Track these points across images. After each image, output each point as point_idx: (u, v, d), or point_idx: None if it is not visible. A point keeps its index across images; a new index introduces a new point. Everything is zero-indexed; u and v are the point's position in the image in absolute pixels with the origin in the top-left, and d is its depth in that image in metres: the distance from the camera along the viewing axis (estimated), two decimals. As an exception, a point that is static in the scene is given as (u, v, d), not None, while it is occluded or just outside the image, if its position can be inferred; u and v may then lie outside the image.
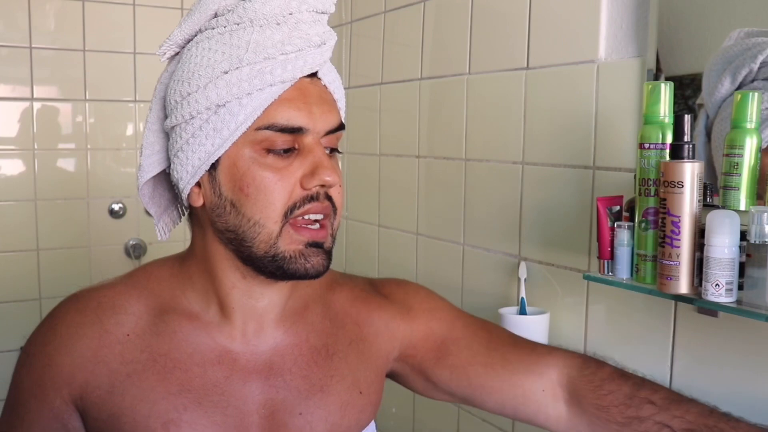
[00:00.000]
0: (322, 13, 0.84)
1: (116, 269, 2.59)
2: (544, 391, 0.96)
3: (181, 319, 0.87)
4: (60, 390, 0.84)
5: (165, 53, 0.86)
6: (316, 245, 0.81)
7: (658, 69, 1.13)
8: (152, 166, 0.88)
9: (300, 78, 0.81)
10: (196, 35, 0.84)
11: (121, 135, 2.34)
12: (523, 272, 1.37)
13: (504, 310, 1.34)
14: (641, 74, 1.16)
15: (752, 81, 1.02)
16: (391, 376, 1.05)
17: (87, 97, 2.28)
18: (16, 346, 2.21)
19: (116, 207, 2.33)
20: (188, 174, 0.83)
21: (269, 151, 0.80)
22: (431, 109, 1.69)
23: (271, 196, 0.79)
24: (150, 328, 0.86)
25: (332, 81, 0.86)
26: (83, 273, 2.28)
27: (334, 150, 0.86)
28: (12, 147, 2.20)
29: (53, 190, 2.25)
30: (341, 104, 0.89)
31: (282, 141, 0.80)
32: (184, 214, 0.95)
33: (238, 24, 0.81)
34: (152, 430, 0.82)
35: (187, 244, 0.92)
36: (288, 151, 0.81)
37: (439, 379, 1.00)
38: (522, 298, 1.35)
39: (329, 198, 0.82)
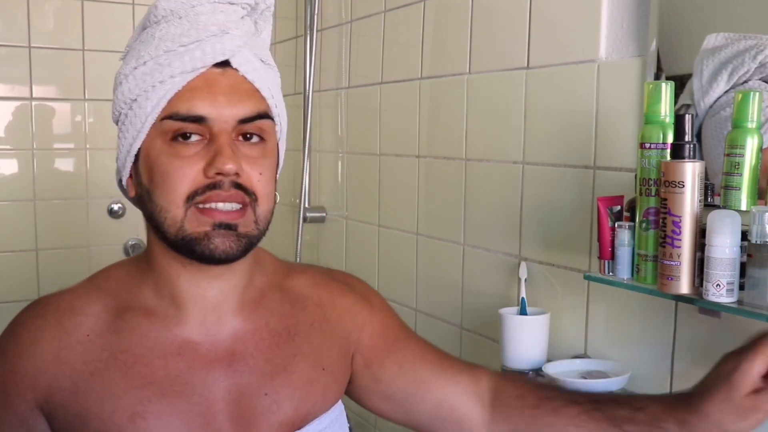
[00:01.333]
0: (229, 3, 0.85)
1: (116, 269, 2.55)
2: (476, 393, 0.99)
3: (138, 315, 0.88)
4: (24, 395, 0.85)
5: (123, 59, 0.90)
6: (226, 227, 0.81)
7: (659, 68, 1.13)
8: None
9: (208, 68, 0.82)
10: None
11: (120, 135, 2.34)
12: (523, 272, 1.37)
13: (504, 310, 1.34)
14: (642, 74, 1.15)
15: (745, 81, 1.03)
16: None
17: (86, 97, 2.28)
18: (15, 346, 2.21)
19: (115, 207, 2.33)
20: (121, 165, 0.88)
21: (176, 140, 0.82)
22: (431, 109, 1.69)
23: (173, 182, 0.81)
24: (109, 327, 0.87)
25: (252, 70, 0.85)
26: (82, 273, 2.26)
27: (260, 138, 0.85)
28: (11, 147, 2.20)
29: (52, 190, 2.25)
30: (267, 93, 0.87)
31: (186, 130, 0.81)
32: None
33: (156, 22, 0.86)
34: (119, 424, 0.83)
35: None
36: (196, 140, 0.82)
37: (386, 373, 1.00)
38: (522, 298, 1.35)
39: (240, 186, 0.82)
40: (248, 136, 0.84)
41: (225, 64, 0.84)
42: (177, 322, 0.88)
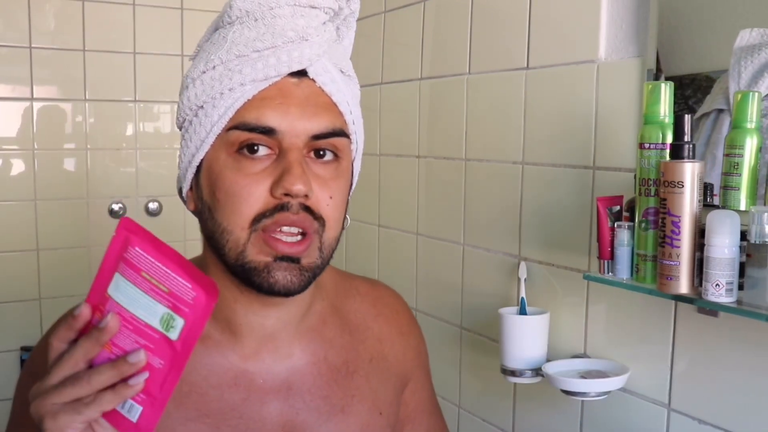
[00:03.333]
0: (311, 7, 0.78)
1: (116, 269, 2.55)
2: None
3: None
4: None
5: (193, 56, 0.84)
6: (288, 259, 0.75)
7: (658, 69, 1.13)
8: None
9: (283, 77, 0.76)
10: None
11: (121, 135, 2.34)
12: (523, 272, 1.37)
13: (504, 310, 1.34)
14: (641, 74, 1.16)
15: None
16: None
17: (87, 97, 2.28)
18: (16, 346, 2.21)
19: (116, 207, 2.33)
20: (182, 177, 0.82)
21: (242, 154, 0.75)
22: (431, 109, 1.69)
23: (238, 202, 0.74)
24: None
25: (330, 81, 0.78)
26: (83, 273, 2.28)
27: (335, 155, 0.79)
28: (12, 147, 2.20)
29: (53, 190, 2.25)
30: (345, 108, 0.80)
31: (255, 142, 0.75)
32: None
33: (230, 23, 0.79)
34: None
35: (188, 244, 0.90)
36: (263, 156, 0.75)
37: None
38: (522, 298, 1.35)
39: (308, 210, 0.75)
40: (321, 153, 0.77)
41: (301, 73, 0.77)
42: (232, 350, 0.82)
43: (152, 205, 2.37)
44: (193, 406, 0.80)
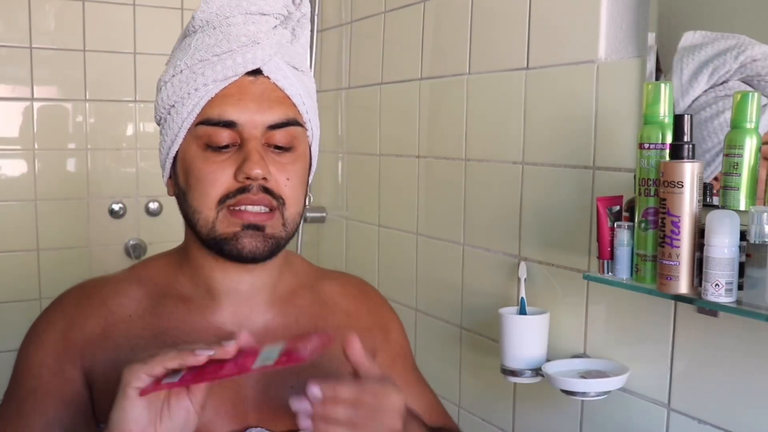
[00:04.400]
0: (261, 14, 0.89)
1: (116, 269, 2.58)
2: None
3: (176, 302, 0.94)
4: (74, 361, 0.91)
5: (168, 60, 0.96)
6: (254, 227, 0.86)
7: (658, 69, 1.13)
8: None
9: (241, 77, 0.87)
10: None
11: (121, 135, 2.34)
12: (523, 272, 1.37)
13: (504, 310, 1.34)
14: (641, 74, 1.16)
15: (724, 81, 1.03)
16: None
17: (87, 97, 2.28)
18: (16, 346, 2.21)
19: (116, 207, 2.33)
20: (162, 167, 0.94)
21: (208, 145, 0.86)
22: (431, 109, 1.69)
23: (206, 186, 0.86)
24: (150, 310, 0.93)
25: (283, 78, 0.89)
26: (83, 273, 2.27)
27: (283, 148, 0.89)
28: (12, 147, 2.20)
29: (53, 190, 2.25)
30: (298, 100, 0.91)
31: (219, 135, 0.86)
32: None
33: (193, 32, 0.91)
34: None
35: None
36: (227, 146, 0.86)
37: None
38: (522, 298, 1.35)
39: (268, 191, 0.86)
40: (278, 144, 0.88)
41: (257, 72, 0.88)
42: (212, 311, 0.93)
43: (152, 205, 2.37)
44: None
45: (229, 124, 0.86)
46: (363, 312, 1.05)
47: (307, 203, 0.95)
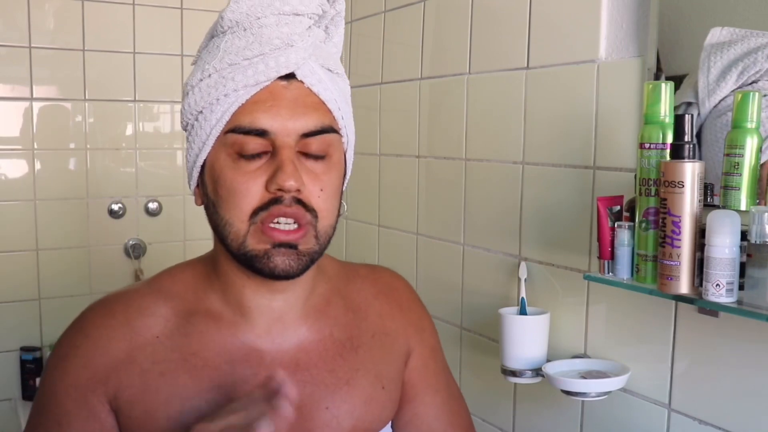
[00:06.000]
0: (294, 15, 0.84)
1: (116, 269, 2.58)
2: None
3: (207, 320, 0.89)
4: (96, 390, 0.86)
5: (194, 61, 0.91)
6: (286, 245, 0.82)
7: (659, 69, 1.13)
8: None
9: (274, 81, 0.82)
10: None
11: (120, 135, 2.34)
12: (523, 272, 1.37)
13: (504, 310, 1.34)
14: (641, 74, 1.16)
15: (754, 81, 1.01)
16: None
17: (86, 97, 2.28)
18: (16, 346, 2.21)
19: (116, 207, 2.33)
20: (189, 176, 0.89)
21: (239, 154, 0.82)
22: (431, 109, 1.69)
23: (238, 198, 0.81)
24: (178, 330, 0.88)
25: (317, 82, 0.84)
26: (83, 273, 2.28)
27: (317, 156, 0.85)
28: (11, 147, 2.20)
29: (53, 190, 2.24)
30: (334, 105, 0.86)
31: (250, 144, 0.81)
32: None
33: (222, 32, 0.85)
34: (187, 425, 0.82)
35: (187, 244, 0.94)
36: (259, 155, 0.82)
37: (397, 418, 1.01)
38: (522, 298, 1.35)
39: (301, 203, 0.81)
40: (312, 152, 0.84)
41: (290, 76, 0.83)
42: (243, 329, 0.89)
43: (152, 205, 2.37)
44: (207, 379, 0.86)
45: (261, 133, 0.81)
46: (396, 311, 1.01)
47: (341, 212, 0.90)
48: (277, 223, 0.81)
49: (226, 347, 0.88)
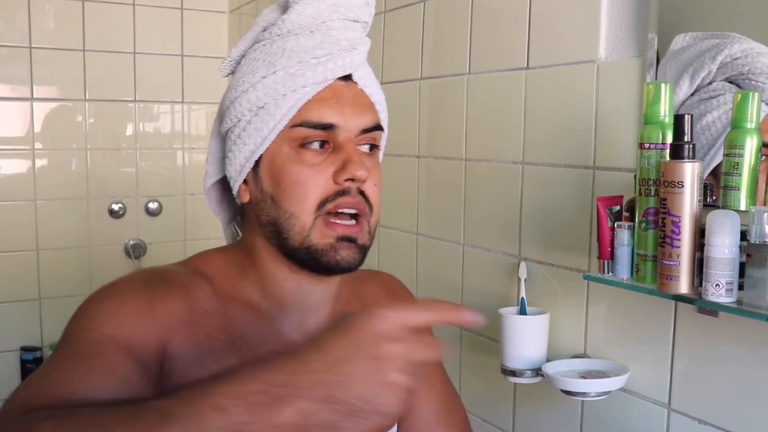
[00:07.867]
0: (354, 21, 0.91)
1: (116, 269, 2.59)
2: None
3: (246, 307, 0.91)
4: (156, 330, 0.82)
5: (224, 70, 0.95)
6: (348, 239, 0.86)
7: (659, 69, 1.12)
8: (216, 172, 0.96)
9: (334, 80, 0.87)
10: (248, 51, 0.93)
11: (120, 135, 2.34)
12: (523, 272, 1.37)
13: (504, 310, 1.34)
14: (641, 74, 1.16)
15: (710, 83, 1.02)
16: None
17: (87, 97, 2.28)
18: (16, 346, 2.21)
19: (116, 207, 2.33)
20: (236, 172, 0.90)
21: (304, 147, 0.86)
22: (431, 109, 1.69)
23: (304, 189, 0.85)
24: (222, 311, 0.89)
25: (369, 84, 0.91)
26: (83, 273, 2.28)
27: (374, 147, 0.93)
28: (12, 147, 2.21)
29: (53, 190, 2.25)
30: (380, 107, 0.93)
31: (315, 137, 0.86)
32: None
33: (279, 35, 0.89)
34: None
35: (187, 244, 0.93)
36: (322, 148, 0.86)
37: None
38: (522, 298, 1.35)
39: (363, 194, 0.88)
40: (365, 146, 0.90)
41: (347, 77, 0.89)
42: (279, 321, 0.92)
43: (152, 205, 2.37)
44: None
45: (328, 127, 0.86)
46: None
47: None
48: (338, 216, 0.86)
49: (266, 338, 0.90)
